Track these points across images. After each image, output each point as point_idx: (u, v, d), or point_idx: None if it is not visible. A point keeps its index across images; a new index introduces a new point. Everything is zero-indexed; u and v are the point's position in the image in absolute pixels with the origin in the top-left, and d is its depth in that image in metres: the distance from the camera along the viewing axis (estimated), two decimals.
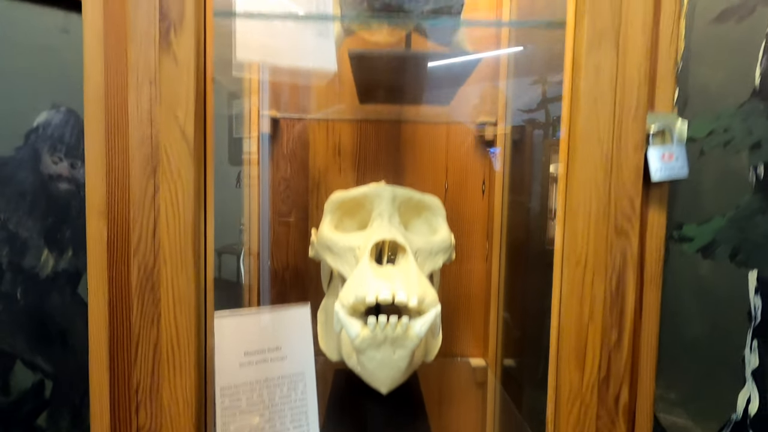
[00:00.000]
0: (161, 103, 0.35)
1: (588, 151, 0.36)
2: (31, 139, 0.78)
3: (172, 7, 0.35)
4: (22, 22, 0.77)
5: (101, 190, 0.37)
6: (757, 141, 0.64)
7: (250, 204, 0.93)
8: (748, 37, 0.65)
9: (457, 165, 0.95)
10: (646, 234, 0.38)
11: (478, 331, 0.97)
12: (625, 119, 0.36)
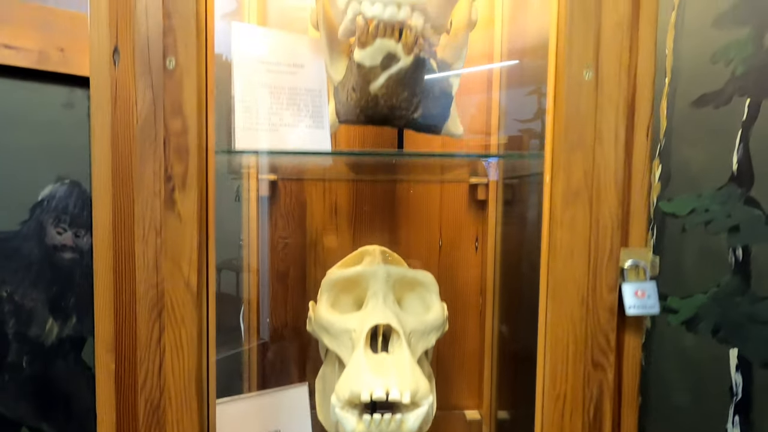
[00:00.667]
0: (166, 255, 0.38)
1: (565, 294, 0.38)
2: (36, 213, 0.81)
3: (177, 168, 0.37)
4: (27, 99, 0.79)
5: (110, 326, 0.39)
6: (736, 224, 0.67)
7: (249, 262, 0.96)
8: (726, 124, 0.68)
9: (450, 222, 0.98)
10: (622, 363, 0.40)
11: (472, 384, 1.00)
12: (600, 263, 0.39)
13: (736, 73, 0.67)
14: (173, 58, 0.37)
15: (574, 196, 0.37)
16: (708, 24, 0.70)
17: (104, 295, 0.40)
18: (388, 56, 0.51)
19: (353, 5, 0.50)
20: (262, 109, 0.61)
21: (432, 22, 0.54)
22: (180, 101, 0.37)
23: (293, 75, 0.64)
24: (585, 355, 0.38)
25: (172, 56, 0.37)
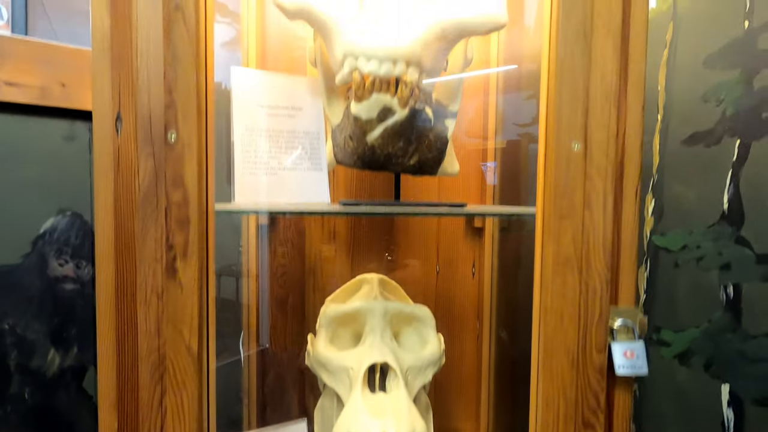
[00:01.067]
0: (168, 320, 0.39)
1: (555, 357, 0.39)
2: (38, 245, 0.82)
3: (178, 238, 0.38)
4: (28, 133, 0.80)
5: (113, 386, 0.40)
6: (727, 262, 0.68)
7: (249, 288, 0.97)
8: (717, 163, 0.70)
9: (447, 248, 0.99)
10: (612, 422, 0.41)
11: (470, 408, 1.01)
12: (590, 325, 0.40)
13: (726, 114, 0.68)
14: (174, 132, 0.38)
15: (563, 264, 0.38)
16: (699, 63, 0.72)
17: (107, 355, 0.41)
18: (384, 110, 0.52)
19: (350, 60, 0.52)
20: (262, 153, 0.62)
21: (428, 72, 0.55)
22: (181, 173, 0.38)
23: (292, 118, 0.65)
24: (576, 415, 0.40)
25: (173, 130, 0.38)
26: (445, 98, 0.66)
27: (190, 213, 0.38)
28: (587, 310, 0.39)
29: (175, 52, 0.37)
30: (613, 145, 0.39)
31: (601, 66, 0.38)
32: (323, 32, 0.56)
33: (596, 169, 0.39)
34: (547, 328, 0.39)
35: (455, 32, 0.56)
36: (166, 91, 0.38)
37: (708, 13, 0.71)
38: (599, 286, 0.39)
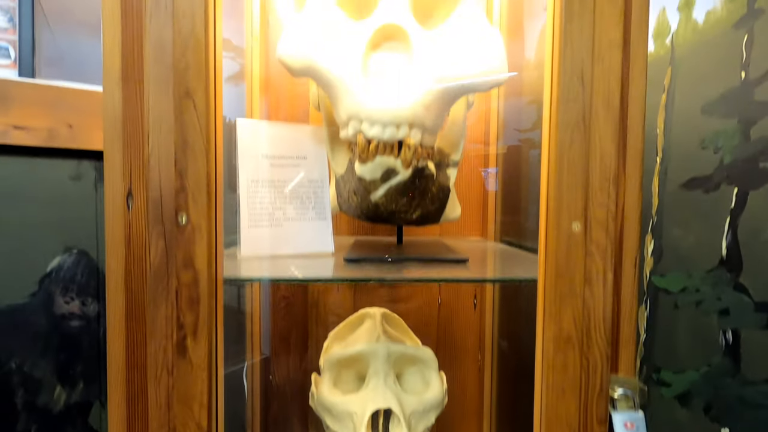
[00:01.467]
0: (178, 396, 0.40)
1: (557, 429, 0.40)
2: (45, 284, 0.83)
3: (188, 317, 0.39)
4: (35, 174, 0.81)
5: None
6: (726, 308, 0.69)
7: (252, 320, 0.98)
8: (715, 209, 0.70)
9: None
10: None
11: None
12: (591, 397, 0.41)
13: (724, 162, 0.69)
14: (185, 215, 0.39)
15: (565, 342, 0.39)
16: (697, 110, 0.73)
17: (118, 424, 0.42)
18: (388, 171, 0.53)
19: (354, 123, 0.53)
20: (267, 205, 0.63)
21: (430, 130, 0.56)
22: (191, 255, 0.39)
23: (296, 167, 0.66)
24: None
25: (183, 213, 0.39)
26: (447, 146, 0.67)
27: (200, 293, 0.39)
28: (588, 383, 0.40)
29: (186, 138, 0.38)
30: (613, 223, 0.40)
31: (600, 147, 0.39)
32: (327, 89, 0.58)
33: (596, 246, 0.40)
34: (549, 402, 0.39)
35: (458, 91, 0.57)
36: (177, 175, 0.39)
37: (705, 61, 0.72)
38: (600, 360, 0.40)
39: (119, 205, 0.42)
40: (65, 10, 1.01)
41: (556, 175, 0.38)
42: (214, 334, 0.40)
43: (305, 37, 0.57)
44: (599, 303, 0.40)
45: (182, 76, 0.38)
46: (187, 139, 0.38)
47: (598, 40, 0.39)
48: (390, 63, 0.57)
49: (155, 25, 0.39)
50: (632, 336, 0.43)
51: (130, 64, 0.41)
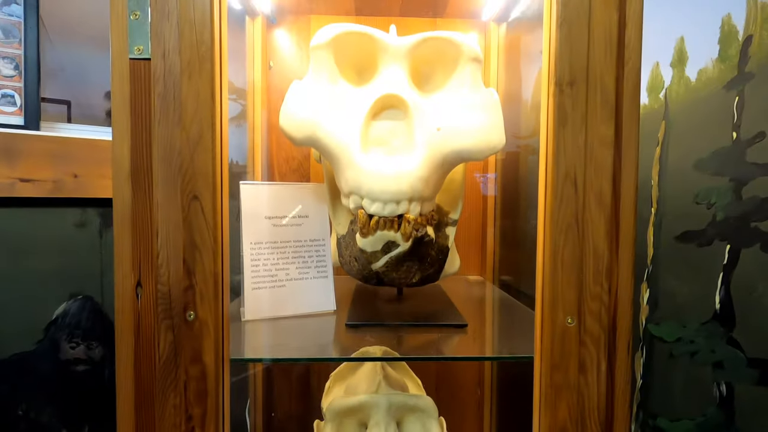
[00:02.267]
0: None
1: None
2: (51, 331, 0.84)
3: (196, 410, 0.41)
4: (41, 224, 0.83)
5: None
6: (720, 360, 0.71)
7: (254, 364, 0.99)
8: (708, 264, 0.72)
9: None
10: None
11: None
12: None
13: (717, 218, 0.71)
14: (193, 312, 0.40)
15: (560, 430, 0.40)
16: (690, 165, 0.74)
17: None
18: (388, 244, 0.54)
19: (355, 198, 0.54)
20: (269, 266, 0.64)
21: (429, 199, 0.58)
22: (199, 350, 0.40)
23: (299, 227, 0.67)
24: None
25: (192, 310, 0.40)
26: (446, 204, 0.69)
27: (208, 387, 0.40)
28: None
29: (194, 239, 0.40)
30: (606, 313, 0.42)
31: (593, 244, 0.40)
32: (329, 159, 0.59)
33: (590, 337, 0.41)
34: None
35: (456, 160, 0.59)
36: (186, 273, 0.40)
37: (698, 118, 0.73)
38: None
39: (128, 295, 0.43)
40: (66, 24, 1.02)
41: (550, 273, 0.40)
42: (221, 424, 0.41)
43: (306, 109, 0.58)
44: (593, 391, 0.41)
45: (190, 181, 0.40)
46: (195, 240, 0.40)
47: (590, 140, 0.40)
48: (390, 133, 0.58)
49: (163, 130, 0.40)
50: (626, 420, 0.44)
51: (139, 163, 0.42)
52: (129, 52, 0.42)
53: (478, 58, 0.62)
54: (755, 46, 0.66)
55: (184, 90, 0.39)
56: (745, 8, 0.66)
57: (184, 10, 0.40)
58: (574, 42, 0.39)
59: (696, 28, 0.72)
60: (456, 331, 0.60)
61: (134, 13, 0.42)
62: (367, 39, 0.61)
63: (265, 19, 0.97)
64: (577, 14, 0.39)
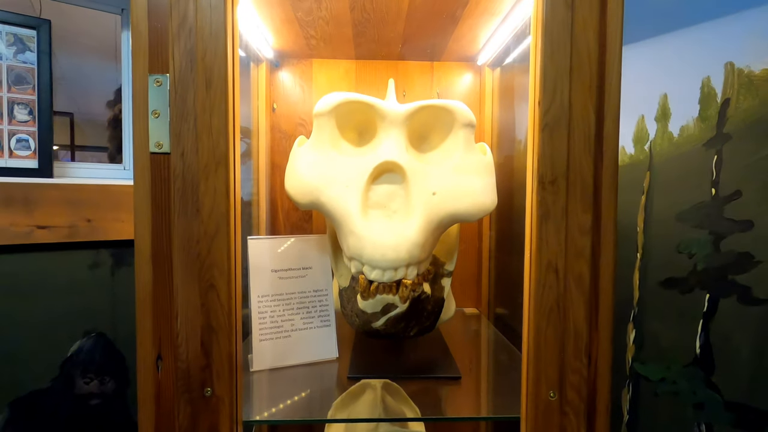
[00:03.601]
0: None
1: None
2: (66, 368, 0.88)
3: None
4: (57, 266, 0.87)
5: None
6: (700, 402, 0.75)
7: None
8: (689, 311, 0.76)
9: None
10: None
11: None
12: None
13: (697, 268, 0.75)
14: (210, 389, 0.44)
15: None
16: (672, 216, 0.78)
17: None
18: (387, 306, 0.59)
19: (356, 263, 0.58)
20: (276, 317, 0.68)
21: (425, 260, 0.62)
22: (216, 422, 0.44)
23: (303, 278, 0.71)
24: None
25: (209, 387, 0.44)
26: (442, 255, 0.73)
27: None
28: None
29: (211, 323, 0.44)
30: (585, 385, 0.46)
31: (573, 325, 0.44)
32: (333, 222, 0.63)
33: (570, 407, 0.45)
34: None
35: (451, 222, 0.63)
36: (203, 353, 0.44)
37: (679, 172, 0.77)
38: None
39: (150, 367, 0.47)
40: (67, 34, 1.05)
41: (534, 352, 0.44)
42: None
43: (309, 175, 0.62)
44: None
45: (207, 270, 0.44)
46: (211, 323, 0.44)
47: (571, 230, 0.44)
48: (388, 197, 0.62)
49: (182, 222, 0.44)
50: None
51: (159, 248, 0.46)
52: (150, 147, 0.46)
53: (471, 124, 0.66)
54: (732, 109, 0.70)
55: (202, 188, 0.43)
56: (723, 73, 0.70)
57: (202, 114, 0.44)
58: (555, 143, 0.43)
59: (678, 87, 0.76)
60: (450, 382, 0.64)
61: (155, 112, 0.46)
62: (367, 107, 0.65)
63: (269, 64, 1.00)
64: (557, 118, 0.43)
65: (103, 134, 1.19)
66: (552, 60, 0.43)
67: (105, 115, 1.19)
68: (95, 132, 1.38)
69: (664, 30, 0.78)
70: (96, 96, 1.28)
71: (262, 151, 1.01)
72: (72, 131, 1.45)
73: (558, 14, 0.43)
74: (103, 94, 1.21)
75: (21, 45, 0.96)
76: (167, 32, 0.45)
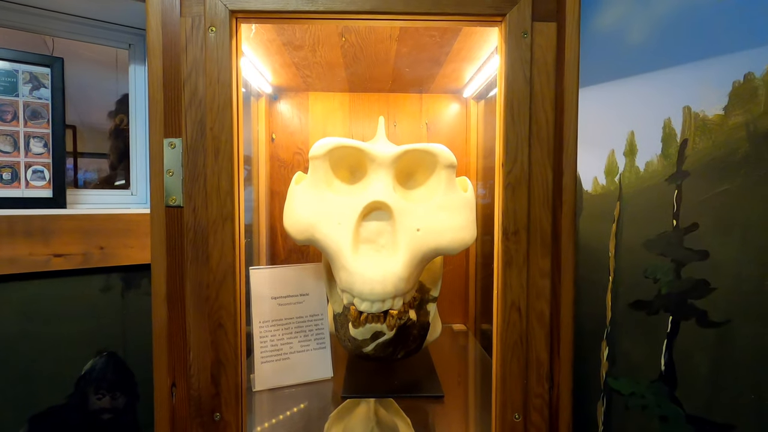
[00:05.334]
0: None
1: None
2: (81, 385, 0.94)
3: None
4: (72, 291, 0.93)
5: None
6: (665, 415, 0.81)
7: None
8: (655, 331, 0.83)
9: None
10: None
11: None
12: None
13: (662, 292, 0.82)
14: (219, 414, 0.51)
15: None
16: (640, 244, 0.85)
17: None
18: (376, 333, 0.65)
19: (347, 295, 0.65)
20: (276, 341, 0.75)
21: (411, 290, 0.68)
22: None
23: (300, 304, 0.78)
24: None
25: (218, 412, 0.51)
26: (428, 282, 0.79)
27: None
28: None
29: (220, 358, 0.50)
30: (547, 408, 0.52)
31: (536, 356, 0.51)
32: (327, 256, 0.70)
33: (534, 427, 0.52)
34: None
35: (433, 255, 0.70)
36: (213, 383, 0.51)
37: (646, 204, 0.84)
38: None
39: (165, 393, 0.54)
40: (68, 45, 1.11)
41: (500, 381, 0.50)
42: None
43: (305, 215, 0.69)
44: None
45: (216, 312, 0.50)
46: (220, 357, 0.50)
47: (532, 273, 0.51)
48: (377, 233, 0.69)
49: (193, 268, 0.51)
50: None
51: (173, 289, 0.53)
52: (165, 201, 0.53)
53: (452, 165, 0.73)
54: (690, 148, 0.77)
55: (211, 241, 0.50)
56: (682, 116, 0.77)
57: (211, 176, 0.50)
58: (517, 200, 0.50)
59: (644, 126, 0.83)
60: (434, 400, 0.70)
61: (169, 171, 0.53)
62: (357, 151, 0.72)
63: (268, 98, 1.07)
64: (518, 178, 0.50)
65: (105, 143, 1.24)
66: (513, 128, 0.50)
67: (106, 125, 1.23)
68: (96, 140, 1.41)
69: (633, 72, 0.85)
70: (97, 106, 1.32)
71: (262, 178, 1.08)
72: (75, 143, 1.51)
73: (517, 88, 0.50)
74: (104, 104, 1.26)
75: (36, 82, 1.02)
76: (180, 101, 0.52)
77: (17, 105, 1.00)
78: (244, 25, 0.53)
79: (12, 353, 0.89)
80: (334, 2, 0.48)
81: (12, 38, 1.08)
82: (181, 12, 0.50)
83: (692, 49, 0.79)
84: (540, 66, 0.50)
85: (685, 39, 0.79)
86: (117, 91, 1.20)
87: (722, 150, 0.75)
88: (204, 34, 0.49)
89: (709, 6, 0.76)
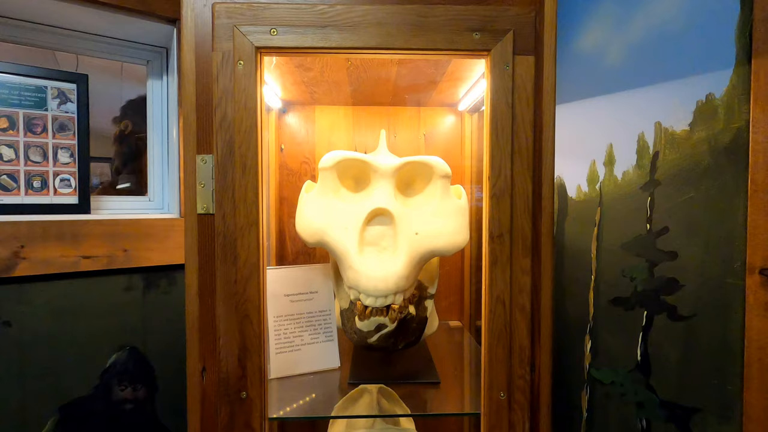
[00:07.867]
0: None
1: None
2: (105, 377, 1.02)
3: None
4: (97, 290, 1.01)
5: None
6: (641, 401, 0.90)
7: None
8: (632, 325, 0.91)
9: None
10: None
11: None
12: None
13: (637, 290, 0.90)
14: (245, 393, 0.59)
15: None
16: (618, 246, 0.93)
17: None
18: (379, 326, 0.73)
19: (353, 291, 0.73)
20: (288, 334, 0.83)
21: (410, 287, 0.76)
22: (250, 419, 0.59)
23: (310, 301, 0.86)
24: None
25: (244, 391, 0.59)
26: (426, 280, 0.88)
27: None
28: None
29: (245, 344, 0.58)
30: (528, 388, 0.60)
31: (519, 344, 0.59)
32: (335, 256, 0.78)
33: (517, 404, 0.60)
34: None
35: (430, 257, 0.78)
36: (239, 367, 0.59)
37: (623, 209, 0.93)
38: None
39: (197, 376, 0.62)
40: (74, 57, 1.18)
41: (488, 365, 0.58)
42: None
43: (316, 219, 0.77)
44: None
45: (243, 304, 0.58)
46: (246, 344, 0.58)
47: (515, 271, 0.59)
48: (379, 236, 0.77)
49: (223, 267, 0.59)
50: None
51: (204, 286, 0.61)
52: (198, 209, 0.61)
53: (447, 175, 0.81)
54: (661, 160, 0.85)
55: (239, 244, 0.58)
56: (654, 130, 0.86)
57: (238, 189, 0.59)
58: (501, 208, 0.58)
59: (621, 139, 0.92)
60: (432, 386, 0.78)
61: (201, 183, 0.61)
62: (362, 163, 0.80)
63: (278, 111, 1.15)
64: (502, 190, 0.58)
65: (109, 148, 1.30)
66: (498, 146, 0.58)
67: (111, 130, 1.30)
68: (99, 145, 1.46)
69: (611, 90, 0.93)
70: (102, 111, 1.38)
71: (271, 186, 1.16)
72: None
73: (501, 112, 0.58)
74: (108, 110, 1.32)
75: (63, 97, 1.10)
76: (211, 123, 0.60)
77: (46, 119, 1.08)
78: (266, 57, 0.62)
79: (44, 347, 0.97)
80: (345, 40, 0.56)
81: (27, 55, 1.16)
82: (213, 47, 0.58)
83: (662, 70, 0.88)
84: (521, 93, 0.58)
85: (656, 62, 0.88)
86: (121, 97, 1.28)
87: (688, 162, 0.84)
88: (233, 66, 0.57)
89: (677, 33, 0.85)
